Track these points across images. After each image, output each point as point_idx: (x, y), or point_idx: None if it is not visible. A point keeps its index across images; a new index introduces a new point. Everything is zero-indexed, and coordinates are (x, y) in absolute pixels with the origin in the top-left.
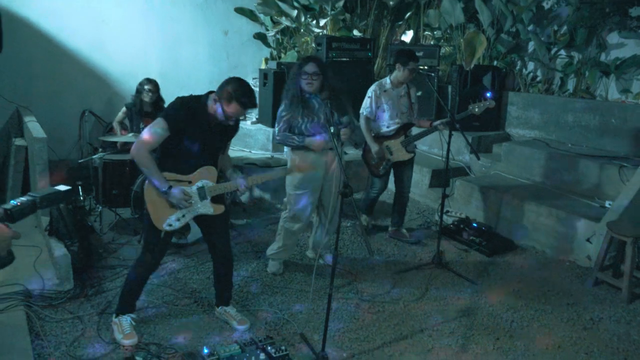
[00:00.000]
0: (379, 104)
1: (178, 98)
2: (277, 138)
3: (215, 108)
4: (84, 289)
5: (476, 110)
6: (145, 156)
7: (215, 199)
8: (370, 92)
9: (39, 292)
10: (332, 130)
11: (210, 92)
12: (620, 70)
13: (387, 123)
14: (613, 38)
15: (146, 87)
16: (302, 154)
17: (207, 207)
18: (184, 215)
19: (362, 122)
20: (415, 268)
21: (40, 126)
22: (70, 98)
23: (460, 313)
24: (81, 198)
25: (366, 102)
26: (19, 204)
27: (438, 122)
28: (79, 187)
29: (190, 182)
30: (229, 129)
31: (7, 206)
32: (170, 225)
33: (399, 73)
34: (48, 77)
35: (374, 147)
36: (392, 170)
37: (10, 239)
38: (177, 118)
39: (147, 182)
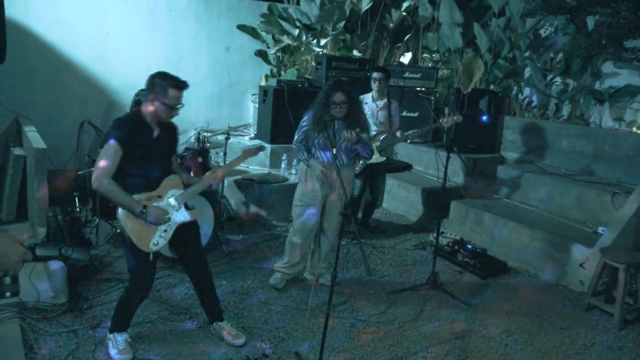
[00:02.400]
0: None
1: (117, 119)
2: (294, 146)
3: (155, 110)
4: (78, 302)
5: (444, 123)
6: (109, 184)
7: (187, 206)
8: None
9: (33, 305)
10: (334, 152)
11: (141, 103)
12: (614, 99)
13: None
14: (607, 67)
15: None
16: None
17: (183, 215)
18: (165, 230)
19: None
20: (410, 289)
21: (39, 136)
22: (70, 109)
23: (454, 335)
24: (77, 209)
25: None
26: (46, 247)
27: (409, 132)
28: (76, 198)
29: (160, 197)
30: (172, 136)
31: (36, 242)
32: (155, 244)
33: (372, 85)
34: (49, 87)
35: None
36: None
37: (21, 257)
38: (122, 134)
39: (120, 211)
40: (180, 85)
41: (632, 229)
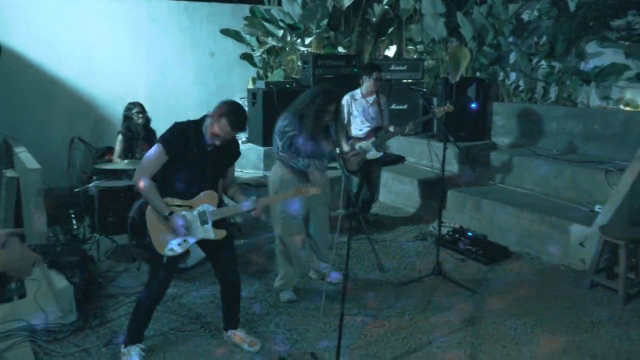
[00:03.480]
0: (351, 111)
1: (175, 123)
2: (281, 154)
3: (208, 127)
4: (87, 320)
5: (437, 113)
6: (146, 184)
7: (217, 224)
8: (343, 101)
9: (42, 327)
10: (337, 151)
11: (206, 116)
12: (599, 78)
13: (359, 127)
14: (591, 47)
15: (134, 110)
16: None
17: (208, 232)
18: (185, 240)
19: None
20: (415, 280)
21: (31, 157)
22: (59, 126)
23: (465, 323)
24: (75, 227)
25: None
26: (44, 246)
27: (407, 125)
28: (72, 215)
29: (191, 207)
30: (229, 153)
31: (32, 243)
32: (172, 250)
33: (366, 83)
34: (36, 106)
35: (346, 147)
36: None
37: (32, 261)
38: (173, 142)
39: (148, 207)
40: (236, 123)
41: (627, 205)
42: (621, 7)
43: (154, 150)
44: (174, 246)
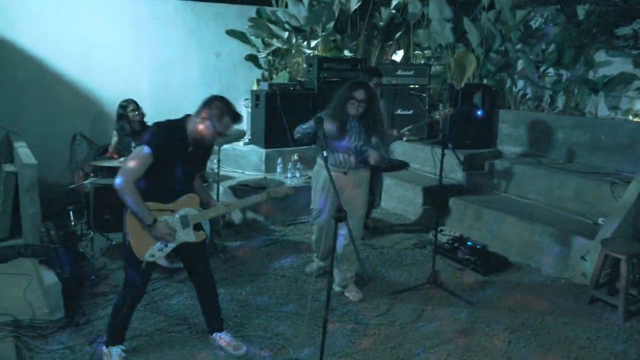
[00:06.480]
0: None
1: (155, 124)
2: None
3: (202, 128)
4: (75, 318)
5: (437, 116)
6: (131, 189)
7: (196, 226)
8: None
9: (28, 322)
10: (324, 154)
11: (188, 116)
12: (608, 88)
13: None
14: (600, 56)
15: (129, 108)
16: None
17: (189, 235)
18: (166, 245)
19: None
20: (410, 288)
21: (30, 152)
22: (61, 122)
23: (456, 334)
24: (72, 223)
25: None
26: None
27: (405, 129)
28: (70, 212)
29: (172, 211)
30: (206, 151)
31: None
32: (152, 255)
33: None
34: (39, 102)
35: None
36: None
37: None
38: (159, 143)
39: (128, 211)
40: (238, 118)
41: (631, 218)
42: (626, 15)
43: (140, 154)
44: (155, 251)
